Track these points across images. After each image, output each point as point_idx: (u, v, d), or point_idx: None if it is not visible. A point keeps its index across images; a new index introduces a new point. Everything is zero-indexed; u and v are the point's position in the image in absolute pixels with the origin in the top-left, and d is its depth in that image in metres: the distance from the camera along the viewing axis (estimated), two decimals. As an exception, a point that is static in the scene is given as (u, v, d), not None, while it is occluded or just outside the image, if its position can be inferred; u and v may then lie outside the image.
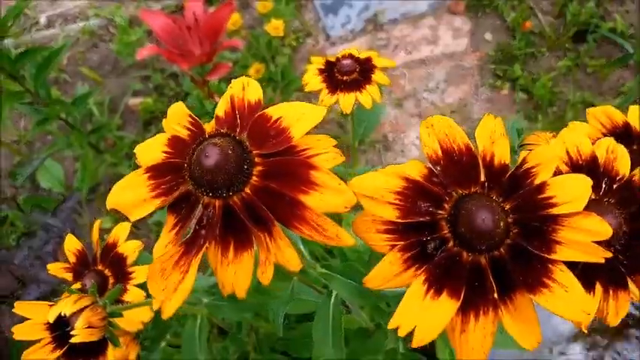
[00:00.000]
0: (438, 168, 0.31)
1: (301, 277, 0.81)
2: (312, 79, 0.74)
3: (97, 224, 0.62)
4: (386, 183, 0.30)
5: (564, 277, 0.28)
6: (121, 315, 0.47)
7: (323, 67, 0.75)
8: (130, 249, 0.61)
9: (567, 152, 0.37)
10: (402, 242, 0.30)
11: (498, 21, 1.74)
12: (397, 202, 0.30)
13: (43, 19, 1.65)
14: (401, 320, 0.28)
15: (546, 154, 0.30)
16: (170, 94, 1.59)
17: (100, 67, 1.63)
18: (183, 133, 0.33)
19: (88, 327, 0.43)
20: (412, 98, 1.65)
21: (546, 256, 0.28)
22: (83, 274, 0.61)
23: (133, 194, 0.31)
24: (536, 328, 0.29)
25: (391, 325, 0.28)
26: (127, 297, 0.59)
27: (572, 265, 0.35)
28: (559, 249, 0.28)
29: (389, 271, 0.30)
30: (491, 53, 1.68)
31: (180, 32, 1.08)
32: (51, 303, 0.45)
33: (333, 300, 0.65)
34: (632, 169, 0.38)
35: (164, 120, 0.35)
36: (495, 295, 0.28)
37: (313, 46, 1.68)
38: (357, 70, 0.73)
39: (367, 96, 0.72)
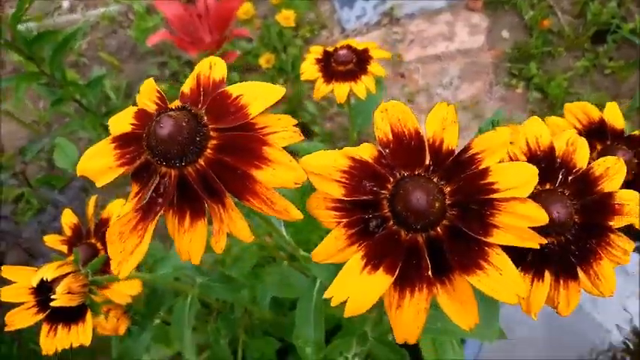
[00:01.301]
0: (387, 150, 0.32)
1: (291, 263, 0.83)
2: (309, 68, 0.75)
3: (92, 200, 0.65)
4: (334, 162, 0.31)
5: (500, 260, 0.29)
6: (101, 283, 0.49)
7: (320, 57, 0.76)
8: (121, 224, 0.63)
9: (527, 143, 0.37)
10: (347, 219, 0.31)
11: (517, 19, 1.72)
12: (343, 180, 0.31)
13: (65, 4, 1.69)
14: (335, 291, 0.29)
15: (493, 140, 0.31)
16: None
17: (118, 52, 1.67)
18: (151, 107, 0.35)
19: (69, 292, 0.46)
20: (425, 93, 1.65)
21: (483, 239, 0.29)
22: (77, 246, 0.64)
23: (99, 162, 0.33)
24: (474, 309, 0.30)
25: (326, 295, 0.29)
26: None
27: (522, 254, 0.36)
28: (496, 233, 0.29)
29: (333, 246, 0.31)
30: (508, 51, 1.66)
31: (191, 20, 1.10)
32: (36, 268, 0.47)
33: (317, 285, 0.67)
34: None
35: (137, 95, 0.37)
36: (429, 273, 0.29)
37: (327, 39, 1.69)
38: (354, 60, 0.74)
39: (362, 86, 0.73)
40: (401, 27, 1.75)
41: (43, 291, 0.47)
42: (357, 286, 0.29)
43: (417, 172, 0.31)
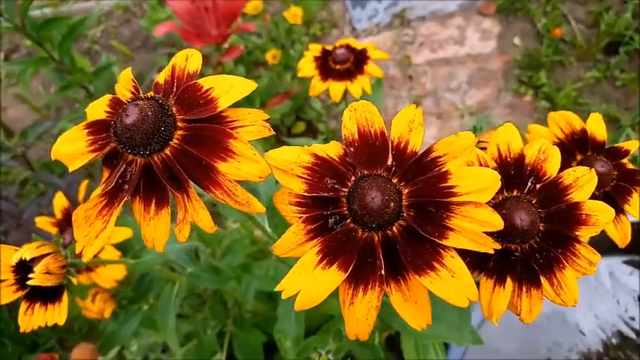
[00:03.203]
0: (352, 149, 0.32)
1: (280, 258, 0.83)
2: (306, 65, 0.75)
3: (83, 184, 0.66)
4: (297, 157, 0.32)
5: (453, 263, 0.29)
6: (80, 266, 0.50)
7: (319, 55, 0.77)
8: (110, 210, 0.64)
9: (498, 149, 0.37)
10: (307, 215, 0.31)
11: (529, 26, 1.71)
12: (306, 176, 0.31)
13: (81, -9, 1.72)
14: (287, 284, 0.29)
15: (455, 144, 0.31)
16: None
17: (130, 41, 1.69)
18: (126, 96, 0.36)
19: (47, 272, 0.47)
20: (432, 97, 1.64)
21: (438, 241, 0.29)
22: (66, 229, 0.65)
23: (72, 147, 0.34)
24: (427, 311, 0.31)
25: (277, 288, 0.29)
26: (102, 255, 0.62)
27: (484, 260, 0.36)
28: (451, 235, 0.29)
29: (292, 240, 0.31)
30: (518, 58, 1.65)
31: (198, 13, 1.11)
32: (17, 248, 0.48)
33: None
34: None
35: (116, 84, 0.38)
36: (382, 272, 0.29)
37: (338, 37, 1.69)
38: (351, 59, 0.75)
39: (357, 86, 0.73)
40: (412, 29, 1.75)
41: (25, 270, 0.48)
42: (310, 280, 0.29)
43: (377, 172, 0.31)
